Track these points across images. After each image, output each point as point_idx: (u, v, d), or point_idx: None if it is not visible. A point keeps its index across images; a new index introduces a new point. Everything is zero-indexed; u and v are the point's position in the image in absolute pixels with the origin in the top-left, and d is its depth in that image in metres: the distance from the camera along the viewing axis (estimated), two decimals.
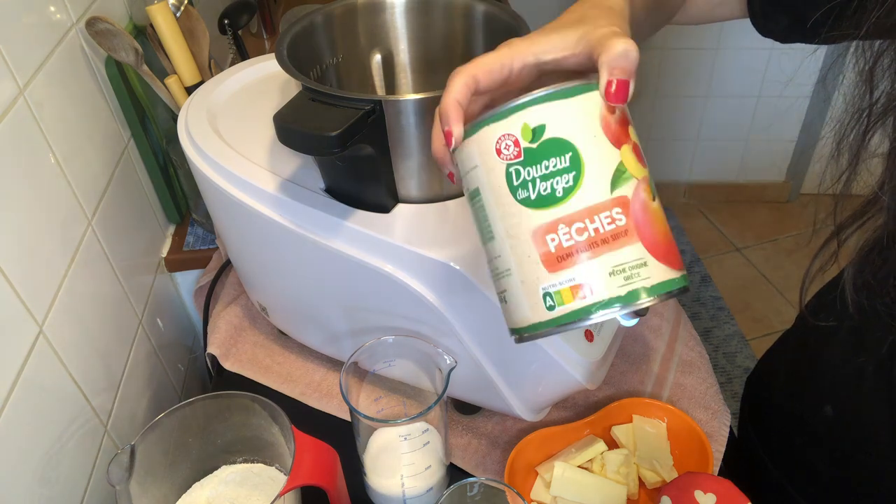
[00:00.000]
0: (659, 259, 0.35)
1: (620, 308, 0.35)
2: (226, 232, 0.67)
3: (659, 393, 0.70)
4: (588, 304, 0.35)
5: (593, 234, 0.35)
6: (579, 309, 0.35)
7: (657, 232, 0.36)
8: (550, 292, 0.36)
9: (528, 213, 0.36)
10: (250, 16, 1.02)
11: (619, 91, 0.35)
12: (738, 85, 2.23)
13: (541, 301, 0.36)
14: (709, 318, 2.04)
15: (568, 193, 0.35)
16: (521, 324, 0.38)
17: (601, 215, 0.35)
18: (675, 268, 0.36)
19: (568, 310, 0.35)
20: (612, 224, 0.35)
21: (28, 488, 0.55)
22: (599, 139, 0.35)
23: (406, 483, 0.57)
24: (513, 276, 0.37)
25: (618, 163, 0.35)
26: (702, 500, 0.53)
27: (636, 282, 0.35)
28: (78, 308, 0.66)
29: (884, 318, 0.49)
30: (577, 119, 0.35)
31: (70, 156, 0.67)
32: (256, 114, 0.65)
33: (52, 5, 0.68)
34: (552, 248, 0.35)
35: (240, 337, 0.79)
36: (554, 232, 0.35)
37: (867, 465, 0.57)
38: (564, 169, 0.35)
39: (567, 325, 0.36)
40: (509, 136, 0.36)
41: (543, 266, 0.36)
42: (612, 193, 0.35)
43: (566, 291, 0.35)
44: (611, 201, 0.35)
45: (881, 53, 0.42)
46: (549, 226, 0.35)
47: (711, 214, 2.44)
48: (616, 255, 0.35)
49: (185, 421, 0.57)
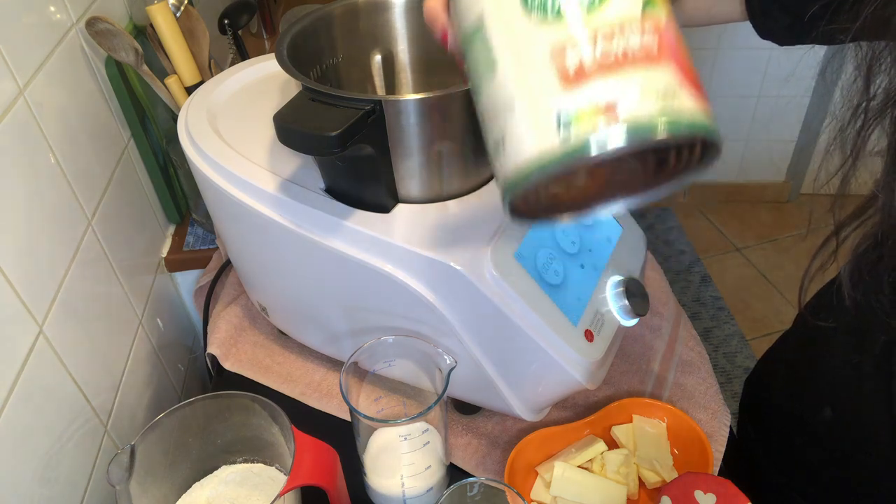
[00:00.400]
0: (693, 90, 0.30)
1: (650, 136, 0.29)
2: (226, 232, 0.67)
3: (659, 393, 0.70)
4: (614, 129, 0.29)
5: (622, 48, 0.30)
6: (602, 135, 0.29)
7: (689, 63, 0.31)
8: (567, 112, 0.30)
9: (546, 27, 0.31)
10: (250, 16, 1.02)
11: None
12: (738, 85, 2.23)
13: (553, 125, 0.30)
14: (709, 318, 2.04)
15: (595, 3, 0.30)
16: (524, 166, 0.31)
17: (632, 29, 0.30)
18: (707, 108, 0.31)
19: (586, 135, 0.29)
20: (645, 41, 0.30)
21: (28, 488, 0.55)
22: None
23: (406, 483, 0.57)
24: (516, 109, 0.32)
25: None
26: (702, 500, 0.53)
27: (672, 107, 0.29)
28: (78, 308, 0.66)
29: (880, 316, 0.49)
30: None
31: (70, 156, 0.67)
32: (256, 114, 0.65)
33: (52, 5, 0.68)
34: (573, 64, 0.30)
35: (240, 337, 0.79)
36: (576, 46, 0.30)
37: (867, 465, 0.57)
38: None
39: (583, 157, 0.29)
40: None
41: (560, 83, 0.30)
42: (644, 11, 0.31)
43: (587, 113, 0.29)
44: (642, 17, 0.31)
45: (879, 49, 0.42)
46: (570, 38, 0.30)
47: (711, 214, 2.44)
48: (649, 74, 0.30)
49: (185, 421, 0.57)
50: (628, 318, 0.60)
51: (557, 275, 0.57)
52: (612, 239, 0.64)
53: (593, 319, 0.58)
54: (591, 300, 0.59)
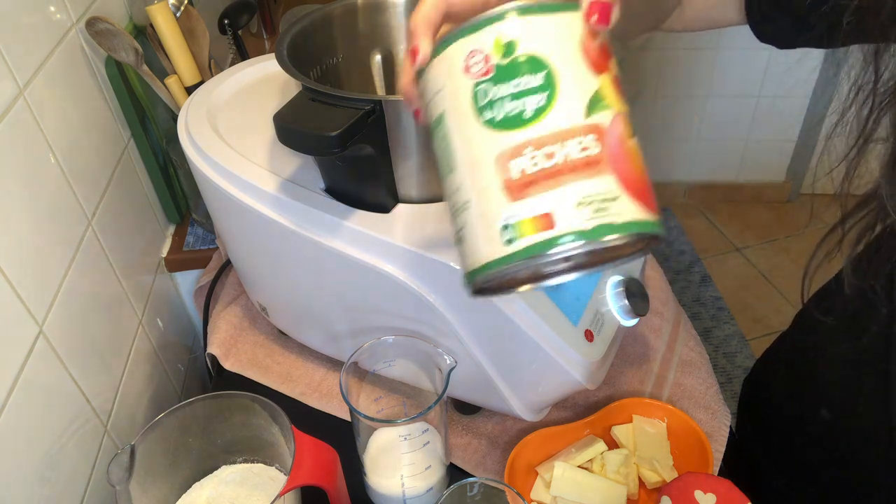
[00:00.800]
0: (632, 196, 0.32)
1: (585, 244, 0.31)
2: (226, 232, 0.67)
3: (659, 393, 0.70)
4: (550, 236, 0.31)
5: (562, 160, 0.31)
6: (540, 242, 0.31)
7: (633, 168, 0.32)
8: (511, 223, 0.32)
9: (493, 136, 0.32)
10: (250, 16, 1.02)
11: (602, 13, 0.32)
12: (738, 85, 2.23)
13: (499, 234, 0.32)
14: (709, 318, 2.04)
15: (538, 114, 0.32)
16: (476, 264, 0.34)
17: (573, 140, 0.31)
18: (650, 209, 0.33)
19: (528, 243, 0.32)
20: (585, 151, 0.31)
21: (28, 488, 0.55)
22: (577, 61, 0.32)
23: (406, 483, 0.57)
24: (471, 209, 0.34)
25: (596, 89, 0.32)
26: (702, 500, 0.53)
27: (605, 217, 0.31)
28: (78, 308, 0.66)
29: (875, 305, 0.49)
30: (556, 36, 0.32)
31: (70, 156, 0.67)
32: (256, 114, 0.65)
33: (52, 5, 0.68)
34: (516, 175, 0.32)
35: (240, 337, 0.79)
36: (519, 156, 0.32)
37: (867, 465, 0.57)
38: (537, 87, 0.32)
39: (526, 261, 0.32)
40: (479, 52, 0.33)
41: (505, 194, 0.32)
42: (587, 119, 0.32)
43: (527, 223, 0.32)
44: (585, 127, 0.32)
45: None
46: (514, 149, 0.32)
47: (711, 214, 2.44)
48: (586, 185, 0.31)
49: (185, 421, 0.57)
50: (628, 318, 0.60)
51: None
52: None
53: (593, 319, 0.58)
54: (591, 300, 0.59)
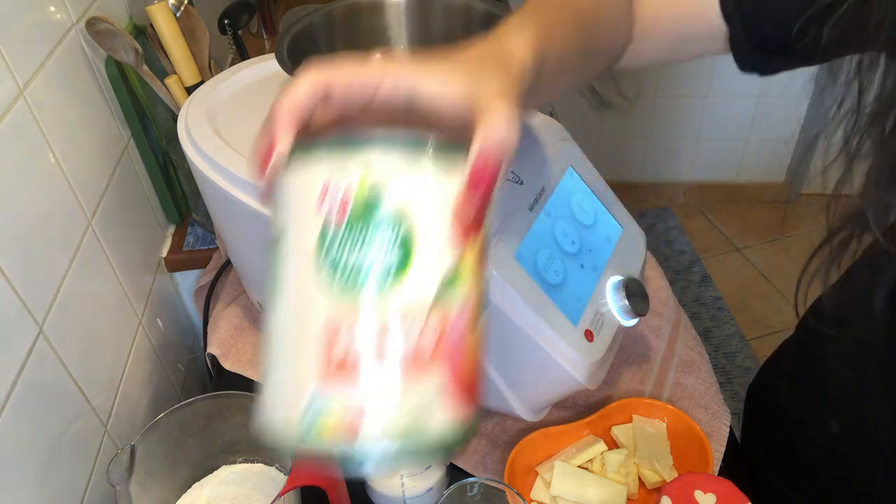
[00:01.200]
0: (454, 398, 0.29)
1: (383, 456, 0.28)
2: (226, 232, 0.67)
3: (659, 393, 0.70)
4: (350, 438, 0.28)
5: (391, 347, 0.28)
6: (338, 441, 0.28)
7: (467, 360, 0.29)
8: (318, 404, 0.28)
9: (325, 299, 0.28)
10: (250, 16, 1.02)
11: (486, 182, 0.30)
12: (738, 85, 2.23)
13: (303, 409, 0.28)
14: (709, 318, 2.04)
15: (380, 287, 0.28)
16: (269, 424, 0.30)
17: (413, 322, 0.28)
18: (465, 415, 0.29)
19: (324, 433, 0.28)
20: (420, 342, 0.28)
21: (28, 488, 0.55)
22: (444, 228, 0.29)
23: (406, 483, 0.57)
24: (282, 362, 0.30)
25: (455, 264, 0.29)
26: (702, 500, 0.53)
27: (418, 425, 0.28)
28: (78, 308, 0.66)
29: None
30: (429, 193, 0.29)
31: (70, 156, 0.67)
32: (256, 114, 0.65)
33: (52, 5, 0.68)
34: (338, 352, 0.28)
35: (240, 337, 0.78)
36: (348, 331, 0.28)
37: (867, 466, 0.57)
38: (389, 251, 0.28)
39: (313, 452, 0.28)
40: (337, 191, 0.29)
41: (322, 367, 0.28)
42: (437, 297, 0.28)
43: (332, 411, 0.28)
44: (431, 307, 0.28)
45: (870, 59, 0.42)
46: (344, 320, 0.28)
47: (711, 214, 2.44)
48: (409, 384, 0.28)
49: (185, 421, 0.57)
50: (628, 318, 0.60)
51: (557, 275, 0.57)
52: (612, 239, 0.64)
53: (593, 319, 0.58)
54: (591, 300, 0.59)
